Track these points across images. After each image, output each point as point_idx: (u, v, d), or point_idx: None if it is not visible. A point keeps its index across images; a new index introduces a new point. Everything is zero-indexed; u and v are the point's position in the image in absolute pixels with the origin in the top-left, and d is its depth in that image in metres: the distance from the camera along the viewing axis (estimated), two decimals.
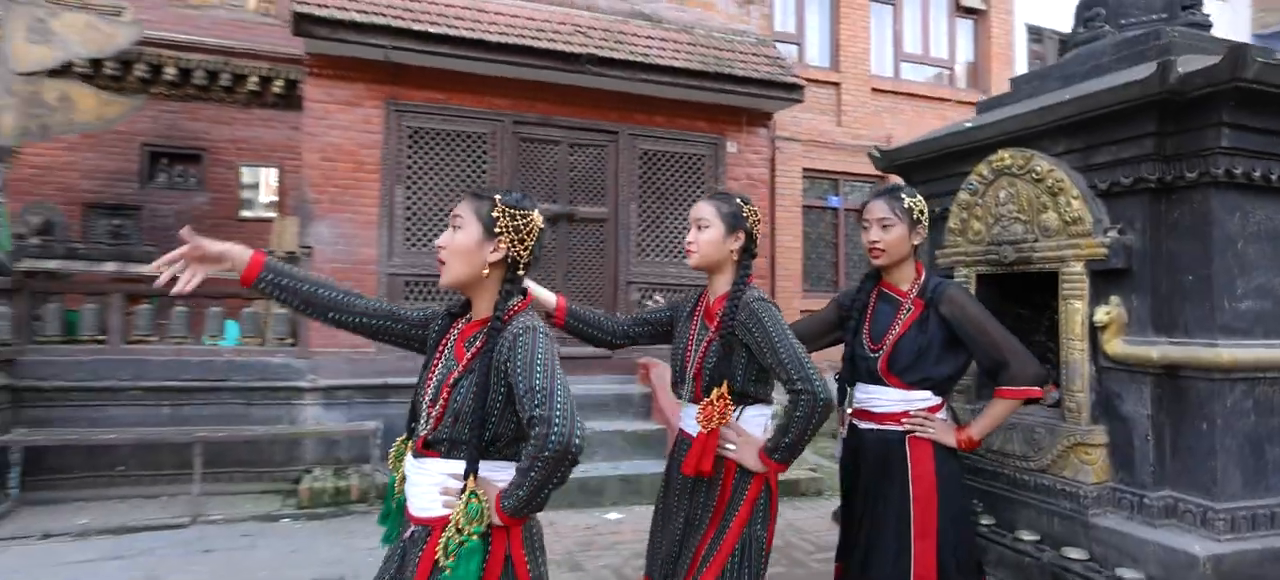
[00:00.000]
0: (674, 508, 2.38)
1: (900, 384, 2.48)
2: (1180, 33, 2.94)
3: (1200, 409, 2.51)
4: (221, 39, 9.14)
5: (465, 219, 1.92)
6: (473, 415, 1.81)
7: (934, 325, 2.48)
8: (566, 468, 1.70)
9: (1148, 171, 2.60)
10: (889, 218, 2.53)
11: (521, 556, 1.84)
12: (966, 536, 2.50)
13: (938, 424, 2.47)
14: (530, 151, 7.56)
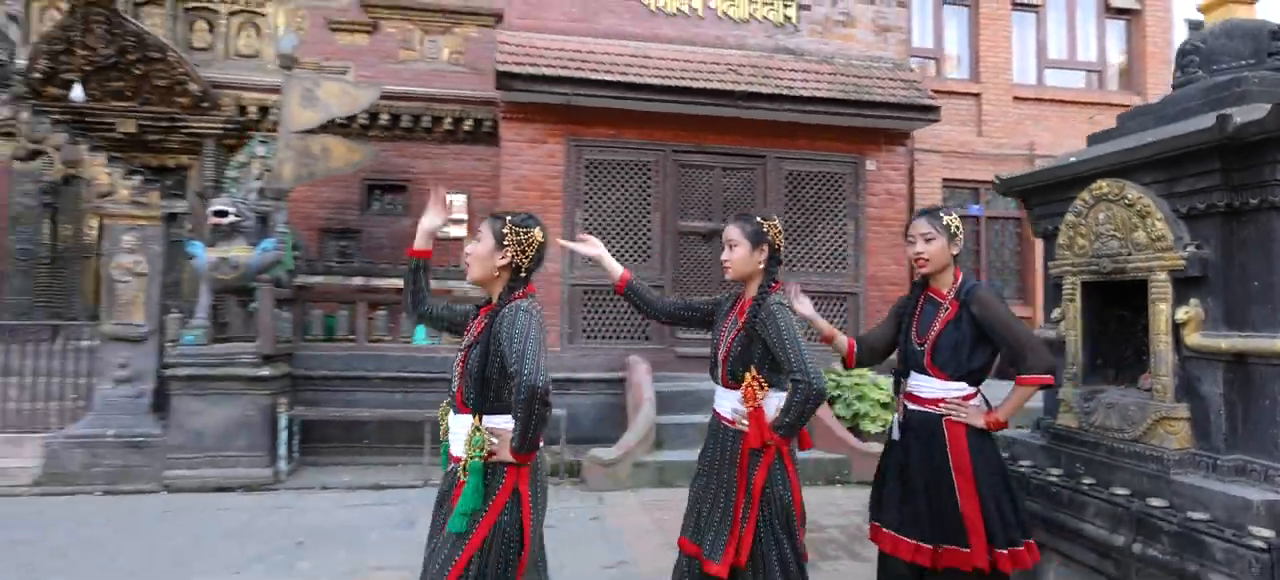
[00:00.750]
0: (708, 479, 3.02)
1: (941, 375, 3.11)
2: (1260, 79, 3.51)
3: (1264, 389, 3.12)
4: (422, 88, 10.73)
5: (483, 233, 2.64)
6: (476, 375, 2.47)
7: (966, 323, 3.07)
8: (538, 406, 2.33)
9: (1218, 199, 3.24)
10: (930, 233, 3.18)
11: (526, 491, 2.50)
12: (1006, 497, 3.08)
13: (970, 410, 3.09)
14: (688, 176, 8.58)
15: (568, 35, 8.34)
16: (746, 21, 8.88)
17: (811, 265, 8.78)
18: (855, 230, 8.89)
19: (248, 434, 7.18)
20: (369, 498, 6.58)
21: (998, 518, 3.03)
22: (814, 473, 7.22)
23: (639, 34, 8.58)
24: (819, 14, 9.01)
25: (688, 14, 8.76)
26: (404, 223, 11.01)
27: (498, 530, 2.45)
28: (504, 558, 2.46)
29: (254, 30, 11.06)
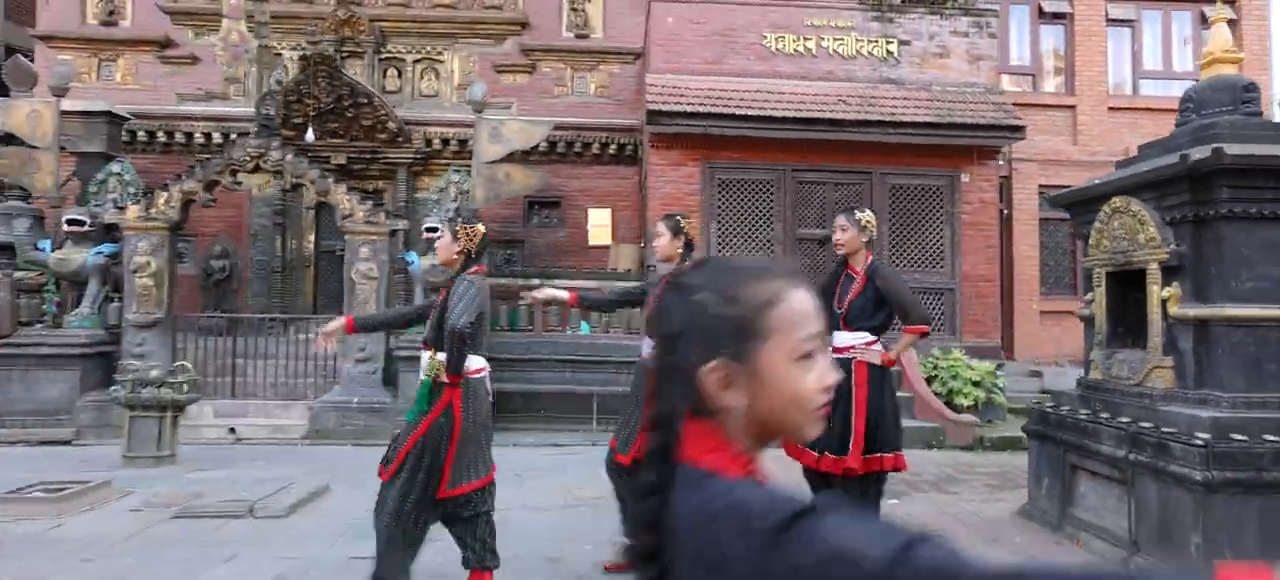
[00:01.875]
0: (632, 401, 4.39)
1: (852, 329, 4.30)
2: (1232, 122, 4.85)
3: (1217, 342, 4.50)
4: (573, 118, 12.71)
5: (444, 232, 3.94)
6: (436, 323, 3.70)
7: (871, 291, 4.31)
8: (457, 342, 3.53)
9: (1188, 211, 4.63)
10: (846, 226, 4.45)
11: (458, 407, 3.64)
12: (885, 419, 4.16)
13: (872, 352, 4.35)
14: (804, 191, 10.17)
15: (703, 75, 10.10)
16: (854, 57, 10.40)
17: (912, 266, 10.18)
18: (951, 235, 10.23)
19: None
20: (553, 451, 8.49)
21: (876, 432, 4.28)
22: (914, 438, 8.61)
23: (762, 72, 10.25)
24: (918, 48, 10.42)
25: (803, 53, 10.36)
26: (559, 234, 13.04)
27: (435, 426, 3.65)
28: (438, 442, 3.66)
29: (434, 75, 13.39)
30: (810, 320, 0.93)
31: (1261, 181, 4.46)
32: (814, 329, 0.93)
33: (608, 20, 13.23)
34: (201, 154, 12.40)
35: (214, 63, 12.63)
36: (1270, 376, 4.46)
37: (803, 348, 0.92)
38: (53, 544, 4.84)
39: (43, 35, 12.52)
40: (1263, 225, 4.51)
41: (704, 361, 0.90)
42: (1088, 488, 5.26)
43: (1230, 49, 5.25)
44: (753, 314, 0.91)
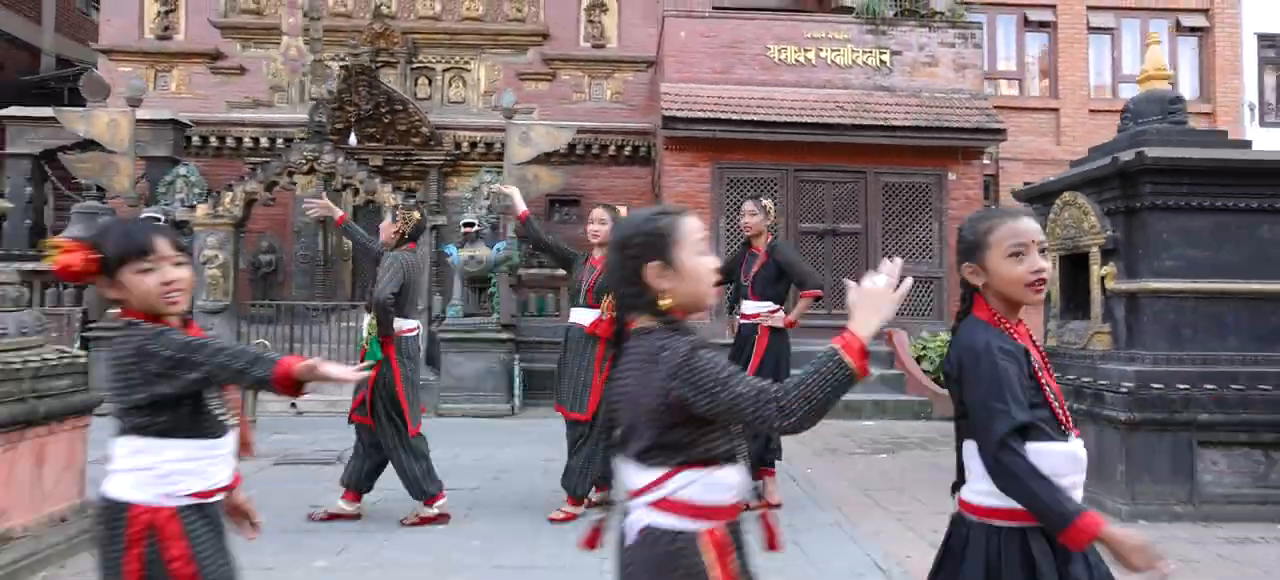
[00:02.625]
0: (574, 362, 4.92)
1: (758, 299, 5.31)
2: (1159, 130, 5.84)
3: (1142, 311, 5.50)
4: (592, 122, 13.71)
5: (387, 218, 5.08)
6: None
7: (772, 266, 5.23)
8: (378, 309, 4.49)
9: (1120, 204, 5.63)
10: (754, 211, 5.41)
11: (394, 359, 4.57)
12: (776, 372, 4.90)
13: (775, 317, 5.29)
14: (805, 189, 11.17)
15: (712, 84, 11.10)
16: (850, 66, 11.39)
17: (904, 256, 11.10)
18: (939, 229, 11.22)
19: (492, 379, 10.25)
20: None
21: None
22: (904, 410, 9.68)
23: (766, 81, 11.25)
24: (908, 57, 11.41)
25: (803, 63, 11.35)
26: (578, 229, 14.03)
27: (380, 377, 4.62)
28: (389, 391, 4.64)
29: (462, 82, 14.41)
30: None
31: (1177, 178, 5.47)
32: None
33: (622, 31, 14.24)
34: (250, 157, 13.47)
35: (260, 73, 13.68)
36: (1185, 338, 5.46)
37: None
38: None
39: (104, 49, 13.55)
40: (1179, 214, 5.51)
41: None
42: None
43: (1162, 68, 6.23)
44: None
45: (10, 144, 11.81)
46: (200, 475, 1.84)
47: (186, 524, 1.77)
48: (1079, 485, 1.89)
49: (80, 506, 4.35)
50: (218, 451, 1.89)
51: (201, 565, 1.76)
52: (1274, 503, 5.16)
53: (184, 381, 1.79)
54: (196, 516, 1.81)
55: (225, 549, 1.90)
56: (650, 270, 1.66)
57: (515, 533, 4.67)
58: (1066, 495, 1.73)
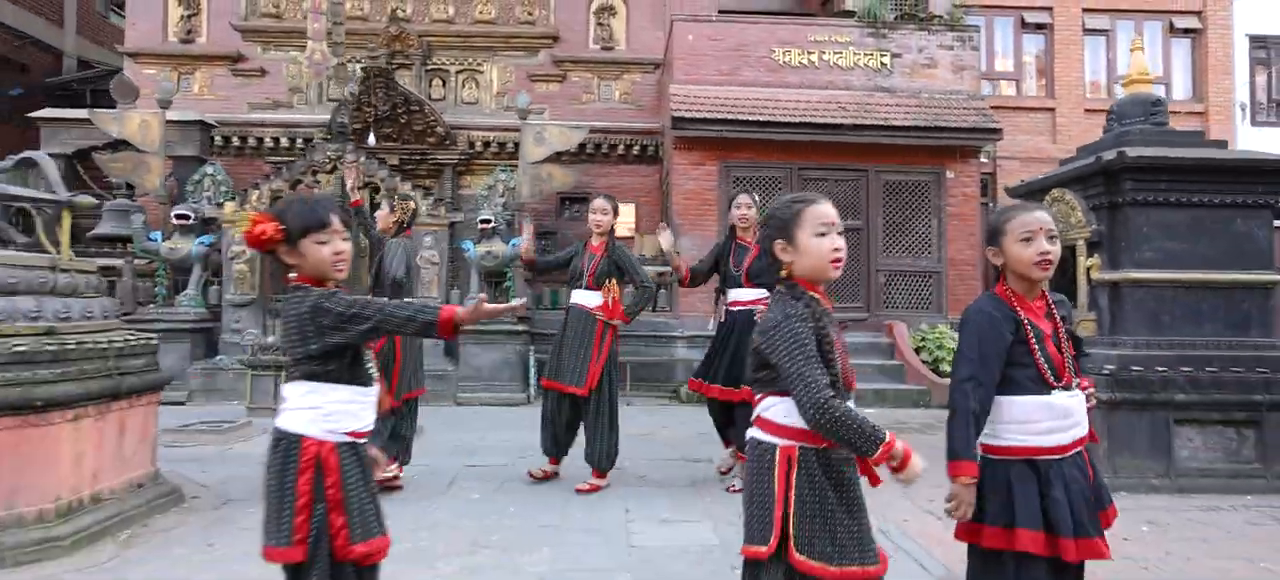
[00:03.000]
0: (574, 340, 5.33)
1: (752, 286, 5.15)
2: (1142, 130, 6.26)
3: (1124, 299, 5.93)
4: (601, 122, 14.13)
5: (384, 206, 5.63)
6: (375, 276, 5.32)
7: (764, 255, 5.80)
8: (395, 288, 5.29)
9: (1103, 199, 6.06)
10: (749, 203, 5.61)
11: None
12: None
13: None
14: (809, 187, 11.56)
15: (719, 86, 11.52)
16: (852, 68, 11.81)
17: (904, 251, 11.60)
18: (938, 225, 11.64)
19: (508, 370, 10.68)
20: None
21: None
22: (903, 398, 10.10)
23: (771, 82, 11.67)
24: (908, 60, 11.82)
25: (807, 66, 11.77)
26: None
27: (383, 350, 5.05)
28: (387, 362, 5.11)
29: (474, 84, 14.83)
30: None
31: (1156, 176, 5.89)
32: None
33: (630, 34, 14.66)
34: (271, 156, 13.91)
35: (280, 75, 14.11)
36: (1164, 324, 5.89)
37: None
38: (234, 460, 6.29)
39: (130, 52, 13.97)
40: (1158, 209, 5.94)
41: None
42: None
43: (1145, 73, 6.65)
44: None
45: (45, 144, 12.22)
46: (355, 417, 2.24)
47: (341, 458, 2.19)
48: (1057, 430, 2.31)
49: (154, 474, 4.79)
50: (368, 398, 2.29)
51: (347, 494, 2.17)
52: (1244, 476, 5.59)
53: (354, 333, 2.16)
54: (349, 452, 2.22)
55: (370, 482, 2.29)
56: (777, 246, 2.19)
57: (546, 501, 5.09)
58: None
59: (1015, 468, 2.29)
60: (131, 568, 3.77)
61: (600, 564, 3.92)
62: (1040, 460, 2.29)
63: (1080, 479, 2.31)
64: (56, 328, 4.13)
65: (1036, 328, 2.35)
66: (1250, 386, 5.64)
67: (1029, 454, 2.29)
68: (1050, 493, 2.26)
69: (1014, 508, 2.25)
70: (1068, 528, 2.22)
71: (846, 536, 2.09)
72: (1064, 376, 2.33)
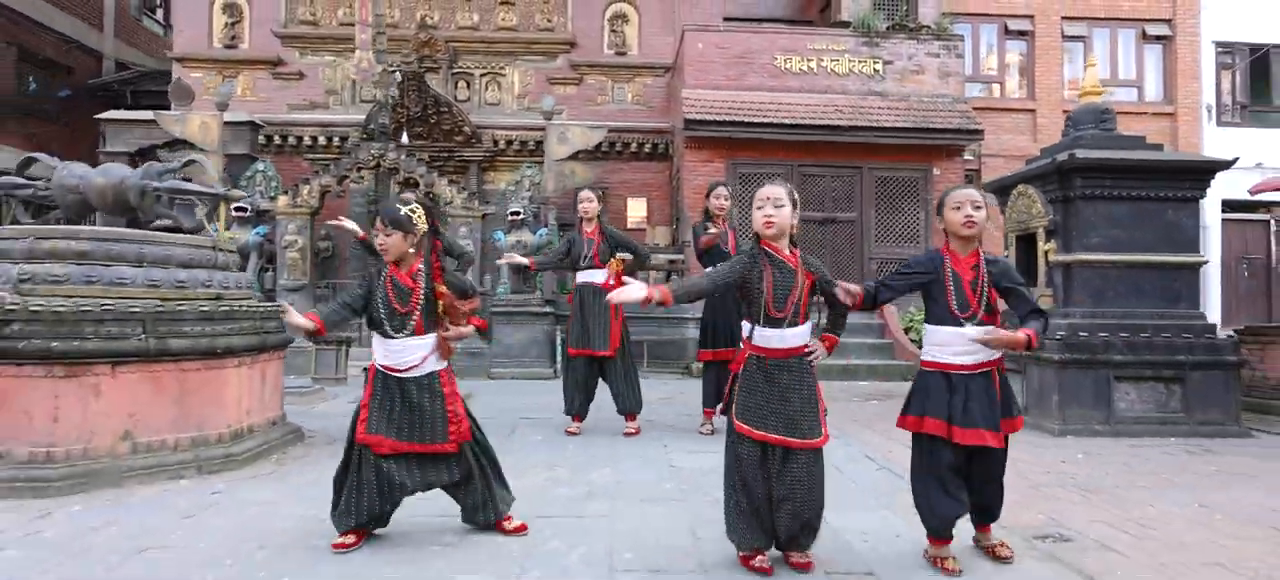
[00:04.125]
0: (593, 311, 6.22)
1: None
2: (1093, 135, 7.39)
3: (1073, 277, 7.08)
4: (614, 122, 15.25)
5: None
6: None
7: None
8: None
9: (1058, 194, 7.20)
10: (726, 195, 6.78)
11: None
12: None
13: None
14: (808, 182, 12.72)
15: (726, 90, 12.64)
16: (847, 74, 12.94)
17: (894, 241, 12.73)
18: (925, 217, 12.79)
19: (536, 348, 11.80)
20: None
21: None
22: (894, 372, 11.25)
23: (774, 87, 12.79)
24: (898, 66, 12.96)
25: (806, 72, 12.90)
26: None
27: None
28: None
29: (497, 86, 15.94)
30: (963, 199, 3.34)
31: (1102, 175, 7.03)
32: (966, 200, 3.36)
33: (642, 40, 15.78)
34: (309, 154, 15.03)
35: (318, 78, 15.21)
36: (1107, 298, 7.04)
37: (957, 205, 3.36)
38: (319, 416, 7.39)
39: (178, 57, 15.05)
40: (1104, 202, 7.09)
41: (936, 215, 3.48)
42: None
43: (1095, 86, 7.78)
44: (943, 197, 3.44)
45: (109, 143, 13.31)
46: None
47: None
48: (966, 354, 3.25)
49: (282, 416, 5.92)
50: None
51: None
52: (1171, 423, 6.75)
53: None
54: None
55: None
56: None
57: (597, 442, 6.21)
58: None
59: (934, 377, 3.27)
60: (291, 477, 4.89)
61: (650, 478, 5.05)
62: (952, 373, 3.24)
63: (983, 391, 3.22)
64: (222, 295, 5.26)
65: (956, 275, 3.28)
66: (1177, 349, 6.80)
67: (945, 368, 3.26)
68: (954, 396, 3.21)
69: (927, 403, 3.28)
70: (960, 420, 3.18)
71: (771, 412, 3.15)
72: (975, 312, 3.26)
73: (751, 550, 3.21)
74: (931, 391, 3.28)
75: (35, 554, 3.34)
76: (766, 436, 3.16)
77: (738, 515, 3.21)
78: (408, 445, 3.41)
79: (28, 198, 5.42)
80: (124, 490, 4.38)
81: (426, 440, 3.45)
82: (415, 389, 3.46)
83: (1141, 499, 4.55)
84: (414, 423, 3.44)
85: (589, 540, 3.64)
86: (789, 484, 3.15)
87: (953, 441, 3.21)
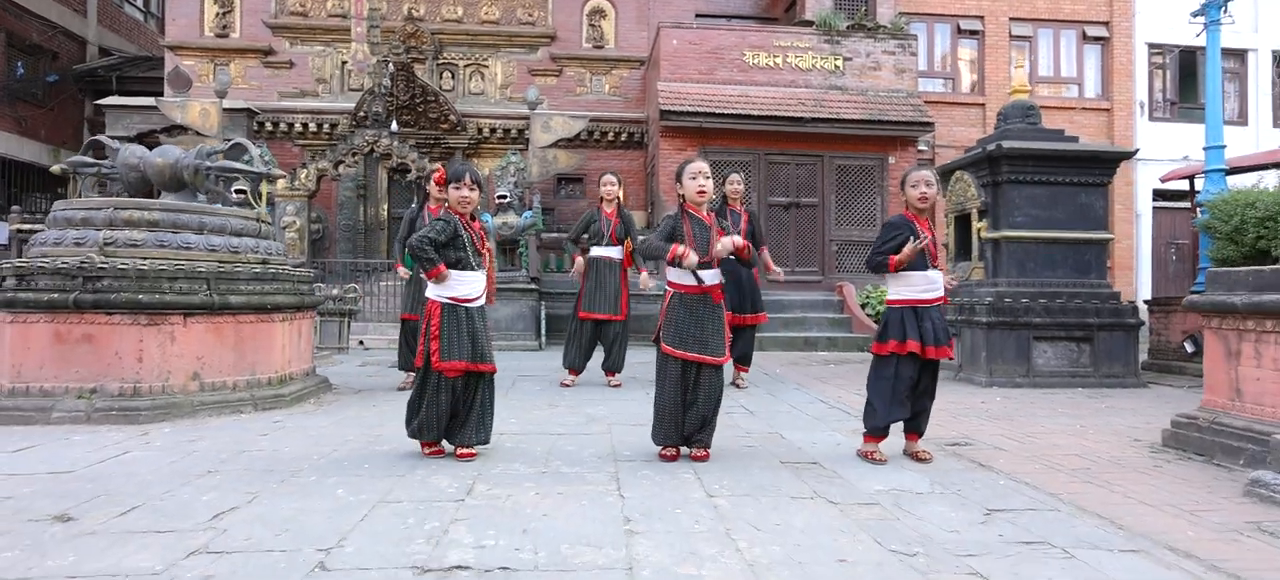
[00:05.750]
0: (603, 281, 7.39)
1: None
2: (1020, 128, 8.46)
3: (1001, 252, 8.16)
4: (592, 112, 16.12)
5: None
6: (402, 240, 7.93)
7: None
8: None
9: (988, 178, 8.27)
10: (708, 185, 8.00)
11: None
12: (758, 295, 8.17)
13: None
14: (774, 169, 13.73)
15: (699, 83, 13.59)
16: (810, 70, 13.95)
17: (852, 225, 13.79)
18: (881, 203, 13.88)
19: (522, 322, 12.67)
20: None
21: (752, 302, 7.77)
22: (851, 345, 12.31)
23: (742, 81, 13.76)
24: (857, 63, 14.01)
25: (773, 67, 13.89)
26: (580, 203, 16.49)
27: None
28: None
29: (480, 77, 16.72)
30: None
31: (1025, 162, 8.10)
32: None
33: (619, 34, 16.66)
34: (299, 140, 15.70)
35: (307, 67, 15.86)
36: (1029, 269, 8.13)
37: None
38: (335, 375, 8.23)
39: (171, 44, 15.61)
40: (1026, 186, 8.17)
41: None
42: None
43: (1023, 84, 8.87)
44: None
45: (109, 128, 13.87)
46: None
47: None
48: (928, 291, 4.20)
49: (313, 368, 6.77)
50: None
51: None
52: (1081, 376, 7.86)
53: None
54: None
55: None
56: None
57: (588, 390, 7.15)
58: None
59: (905, 311, 4.17)
60: (334, 412, 5.75)
61: (640, 413, 5.98)
62: (919, 307, 4.17)
63: (940, 317, 4.24)
64: (268, 260, 6.09)
65: (920, 233, 4.19)
66: (1087, 313, 7.91)
67: (913, 303, 4.17)
68: (923, 323, 4.16)
69: (906, 330, 4.20)
70: (930, 340, 4.14)
71: (691, 338, 4.07)
72: (933, 262, 4.28)
73: (667, 444, 4.20)
74: (907, 321, 4.18)
75: (152, 455, 4.19)
76: (686, 355, 4.07)
77: (661, 424, 4.18)
78: (472, 365, 4.10)
79: (94, 174, 6.18)
80: (198, 420, 5.22)
81: (486, 360, 4.18)
82: (478, 315, 4.20)
83: (1035, 422, 5.60)
84: (475, 347, 4.13)
85: (596, 444, 4.58)
86: (698, 391, 4.11)
87: (924, 357, 4.16)
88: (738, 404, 6.22)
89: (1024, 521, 3.17)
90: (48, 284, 5.18)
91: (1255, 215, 7.48)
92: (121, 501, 3.28)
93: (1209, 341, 4.63)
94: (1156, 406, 6.54)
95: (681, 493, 3.54)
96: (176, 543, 2.76)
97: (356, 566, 2.55)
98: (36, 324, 5.16)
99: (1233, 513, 3.37)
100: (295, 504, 3.28)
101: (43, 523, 3.00)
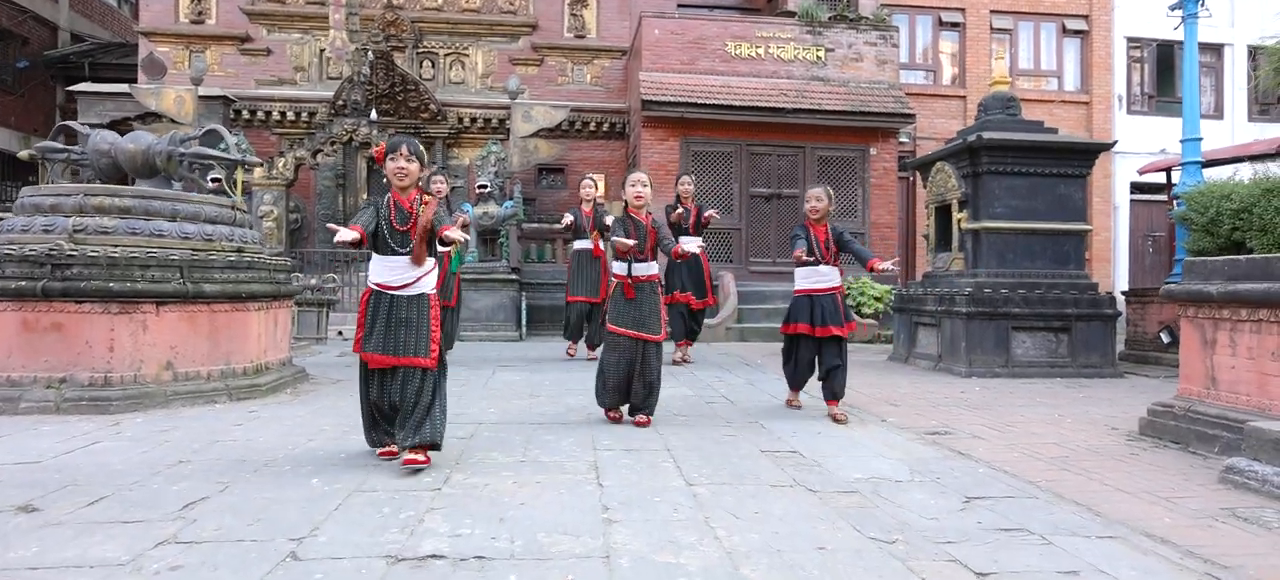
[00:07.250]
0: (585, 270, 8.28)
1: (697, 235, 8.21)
2: (999, 120, 8.49)
3: (980, 242, 8.19)
4: (574, 101, 16.04)
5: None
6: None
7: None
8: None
9: (969, 169, 8.30)
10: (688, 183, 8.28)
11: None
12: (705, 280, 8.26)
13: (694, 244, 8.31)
14: (755, 160, 13.72)
15: (681, 73, 13.54)
16: (792, 61, 13.95)
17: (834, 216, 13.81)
18: (862, 193, 13.91)
19: (503, 312, 12.60)
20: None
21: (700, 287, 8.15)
22: None
23: (724, 71, 13.73)
24: (839, 54, 14.01)
25: (755, 58, 13.87)
26: (562, 194, 16.42)
27: None
28: None
29: (461, 66, 16.57)
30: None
31: (1005, 153, 8.13)
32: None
33: (600, 24, 16.57)
34: (277, 128, 15.50)
35: (284, 54, 15.65)
36: (1008, 260, 8.17)
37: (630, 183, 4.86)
38: (312, 366, 8.14)
39: (145, 31, 15.33)
40: (1006, 177, 8.20)
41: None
42: (921, 334, 8.95)
43: (1003, 76, 8.90)
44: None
45: (82, 115, 13.61)
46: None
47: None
48: (820, 282, 5.18)
49: (289, 358, 6.68)
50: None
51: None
52: (1059, 366, 7.92)
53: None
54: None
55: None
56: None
57: (567, 372, 7.11)
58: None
59: (802, 299, 5.32)
60: (310, 402, 5.68)
61: None
62: (813, 295, 5.24)
63: (832, 303, 5.21)
64: (244, 247, 6.00)
65: (812, 235, 5.26)
66: (1065, 304, 7.97)
67: (809, 292, 5.27)
68: (815, 310, 5.18)
69: (798, 315, 5.29)
70: (819, 322, 5.17)
71: (630, 318, 4.70)
72: (823, 257, 5.15)
73: (611, 407, 4.91)
74: (800, 308, 5.31)
75: (122, 446, 4.11)
76: (627, 333, 4.72)
77: (603, 390, 4.85)
78: (387, 357, 3.67)
79: (64, 161, 6.05)
80: (172, 410, 5.13)
81: (406, 353, 3.66)
82: (409, 304, 3.70)
83: (1013, 411, 5.63)
84: (393, 338, 3.66)
85: (575, 434, 4.55)
86: (641, 365, 4.73)
87: (815, 336, 5.19)
88: (719, 394, 6.21)
89: (1002, 509, 3.17)
90: (15, 272, 5.07)
91: (1231, 207, 7.53)
92: (89, 492, 3.21)
93: (1185, 330, 4.67)
94: (1133, 396, 6.59)
95: (660, 481, 3.52)
96: (145, 533, 2.71)
97: (329, 556, 2.51)
98: (3, 313, 5.05)
99: (1208, 499, 3.40)
100: (268, 494, 3.23)
101: (5, 513, 2.93)
